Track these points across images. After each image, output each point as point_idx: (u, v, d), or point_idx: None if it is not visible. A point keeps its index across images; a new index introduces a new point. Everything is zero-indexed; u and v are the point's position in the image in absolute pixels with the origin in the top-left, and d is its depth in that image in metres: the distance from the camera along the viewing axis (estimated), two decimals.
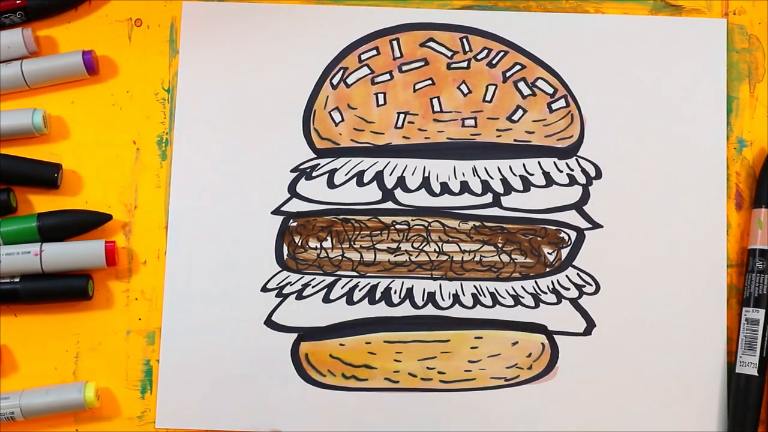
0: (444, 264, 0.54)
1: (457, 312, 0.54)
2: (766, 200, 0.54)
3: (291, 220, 0.54)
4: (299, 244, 0.54)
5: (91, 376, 0.53)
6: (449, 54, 0.55)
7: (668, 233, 0.54)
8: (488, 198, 0.54)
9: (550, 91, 0.55)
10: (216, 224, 0.54)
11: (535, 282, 0.54)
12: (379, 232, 0.54)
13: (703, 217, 0.54)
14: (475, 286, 0.54)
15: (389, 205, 0.54)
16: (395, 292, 0.54)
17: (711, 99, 0.55)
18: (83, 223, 0.53)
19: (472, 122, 0.55)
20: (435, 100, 0.55)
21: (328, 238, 0.54)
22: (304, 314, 0.54)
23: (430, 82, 0.55)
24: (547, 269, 0.54)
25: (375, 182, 0.54)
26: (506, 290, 0.54)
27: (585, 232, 0.54)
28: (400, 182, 0.54)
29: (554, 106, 0.55)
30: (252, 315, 0.54)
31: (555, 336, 0.54)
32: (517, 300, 0.54)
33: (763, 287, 0.53)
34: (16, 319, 0.54)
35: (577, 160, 0.55)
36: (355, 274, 0.54)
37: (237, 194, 0.54)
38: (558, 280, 0.54)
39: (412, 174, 0.54)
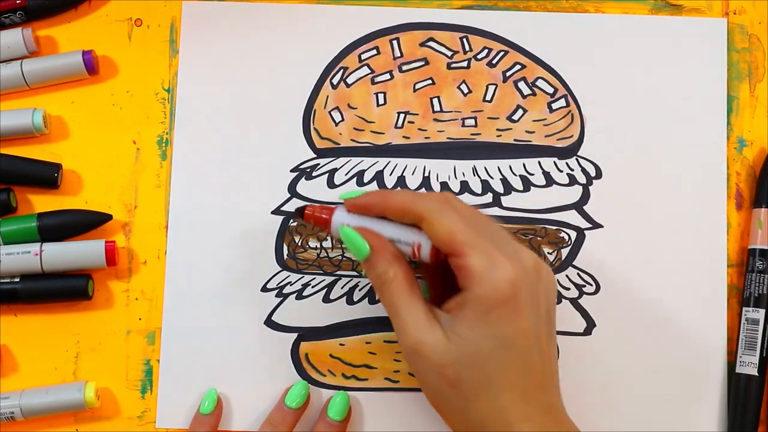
0: None
1: None
2: (766, 200, 0.54)
3: (291, 220, 0.54)
4: (299, 243, 0.54)
5: (91, 376, 0.53)
6: (449, 54, 0.55)
7: (668, 233, 0.54)
8: (488, 198, 0.54)
9: (550, 90, 0.55)
10: (216, 224, 0.54)
11: None
12: None
13: (703, 217, 0.54)
14: None
15: None
16: None
17: (711, 99, 0.55)
18: (83, 223, 0.53)
19: (472, 122, 0.55)
20: (435, 100, 0.55)
21: (328, 238, 0.54)
22: (304, 314, 0.54)
23: (430, 81, 0.55)
24: None
25: (375, 182, 0.54)
26: None
27: (585, 232, 0.54)
28: (400, 182, 0.54)
29: (554, 105, 0.55)
30: (252, 315, 0.54)
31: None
32: None
33: (763, 287, 0.53)
34: (16, 319, 0.54)
35: (577, 159, 0.55)
36: (355, 274, 0.54)
37: (237, 194, 0.54)
38: (558, 280, 0.54)
39: (412, 174, 0.54)
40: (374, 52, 0.55)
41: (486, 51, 0.55)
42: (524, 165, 0.54)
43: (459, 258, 0.43)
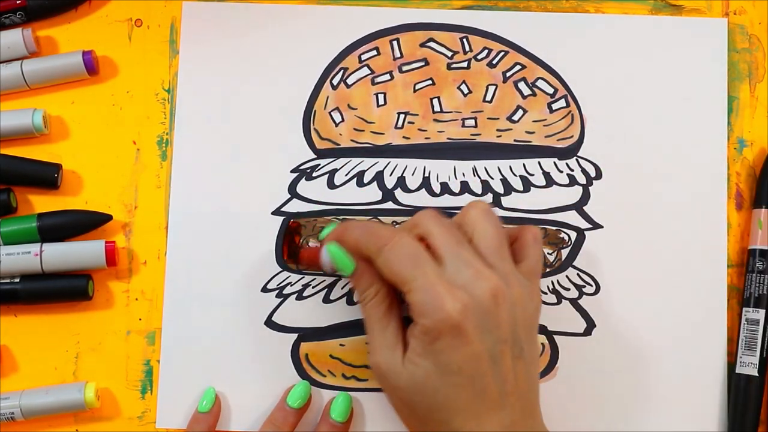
0: None
1: None
2: (766, 200, 0.54)
3: (291, 221, 0.54)
4: (300, 244, 0.54)
5: (91, 376, 0.53)
6: (449, 54, 0.55)
7: (668, 233, 0.54)
8: (488, 198, 0.54)
9: (550, 91, 0.55)
10: (216, 224, 0.54)
11: None
12: None
13: (703, 217, 0.54)
14: None
15: (389, 205, 0.54)
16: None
17: (711, 99, 0.55)
18: (83, 223, 0.53)
19: (472, 122, 0.55)
20: (435, 100, 0.55)
21: None
22: (304, 315, 0.54)
23: (430, 82, 0.55)
24: (547, 269, 0.54)
25: (375, 182, 0.54)
26: None
27: (585, 232, 0.54)
28: (400, 182, 0.54)
29: (554, 106, 0.55)
30: (252, 315, 0.54)
31: (555, 336, 0.54)
32: None
33: (763, 287, 0.53)
34: (16, 319, 0.54)
35: (577, 160, 0.55)
36: None
37: (237, 194, 0.54)
38: (558, 281, 0.54)
39: (412, 174, 0.54)
40: (374, 52, 0.55)
41: (486, 51, 0.55)
42: (524, 165, 0.54)
43: (403, 294, 0.45)
